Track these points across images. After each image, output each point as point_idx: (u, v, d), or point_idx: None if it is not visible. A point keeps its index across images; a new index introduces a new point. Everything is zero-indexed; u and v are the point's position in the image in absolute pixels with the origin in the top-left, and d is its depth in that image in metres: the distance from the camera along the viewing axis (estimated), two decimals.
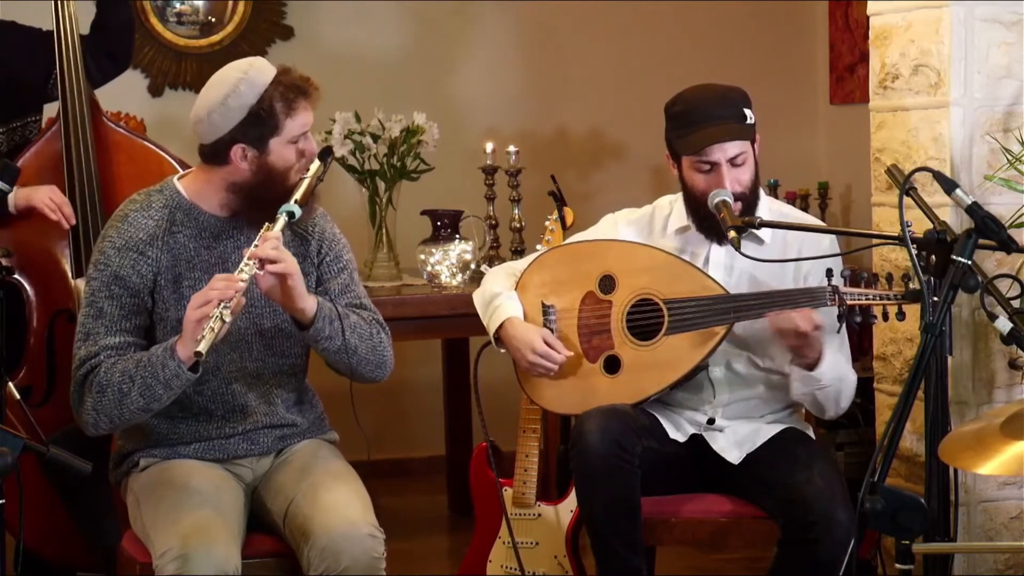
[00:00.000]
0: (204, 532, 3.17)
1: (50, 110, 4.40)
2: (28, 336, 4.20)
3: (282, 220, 3.31)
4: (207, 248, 3.41)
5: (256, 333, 3.44)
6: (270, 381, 3.47)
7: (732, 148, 3.59)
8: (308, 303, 3.34)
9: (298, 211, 3.33)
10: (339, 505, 3.29)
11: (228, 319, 3.16)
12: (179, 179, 3.47)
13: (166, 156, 4.29)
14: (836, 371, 3.58)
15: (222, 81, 3.34)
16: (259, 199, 3.37)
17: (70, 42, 4.19)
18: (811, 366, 3.54)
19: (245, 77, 3.32)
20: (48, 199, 4.11)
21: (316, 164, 3.38)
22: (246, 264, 3.23)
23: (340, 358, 3.41)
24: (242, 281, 3.20)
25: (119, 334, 3.33)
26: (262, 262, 3.23)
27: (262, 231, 3.29)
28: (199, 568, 3.12)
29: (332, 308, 3.38)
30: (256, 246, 3.25)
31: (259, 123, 3.32)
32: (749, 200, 3.63)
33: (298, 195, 3.34)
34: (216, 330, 3.15)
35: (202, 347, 3.14)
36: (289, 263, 3.27)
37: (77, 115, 4.17)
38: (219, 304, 3.15)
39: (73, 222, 4.14)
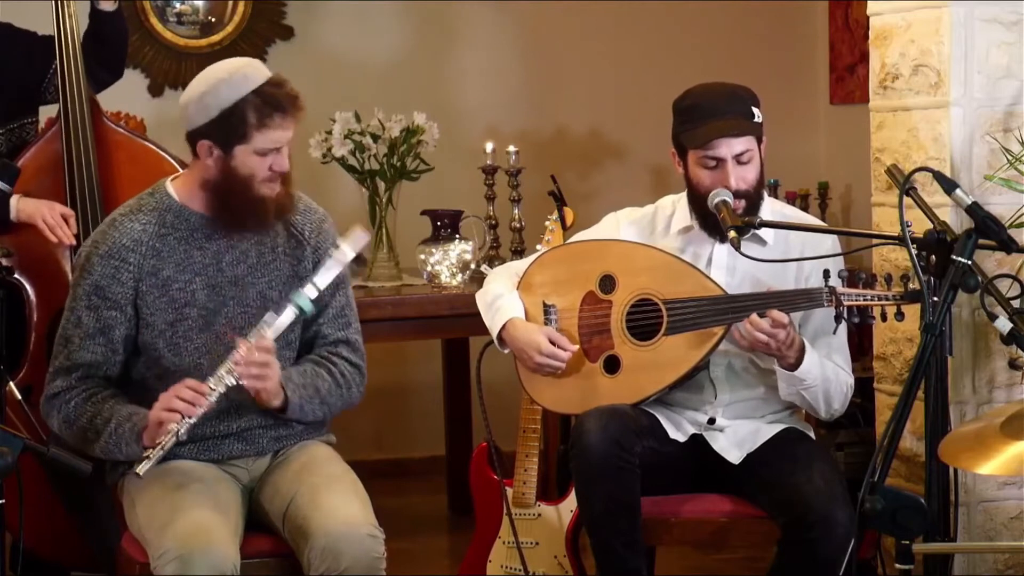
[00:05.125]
0: (202, 532, 3.17)
1: (49, 111, 4.40)
2: (28, 336, 4.20)
3: (288, 314, 3.31)
4: (199, 249, 3.40)
5: (249, 333, 3.43)
6: None
7: (738, 144, 3.59)
8: (277, 401, 3.37)
9: (310, 308, 3.33)
10: (339, 505, 3.28)
11: (183, 436, 3.20)
12: (171, 180, 3.48)
13: (166, 156, 4.29)
14: (822, 370, 3.57)
15: (207, 77, 3.34)
16: (224, 201, 3.37)
17: (70, 42, 4.19)
18: (793, 366, 3.54)
19: (228, 79, 3.31)
20: (48, 218, 4.11)
21: (348, 252, 3.35)
22: (227, 373, 3.25)
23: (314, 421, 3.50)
24: (211, 393, 3.23)
25: (93, 348, 3.36)
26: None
27: (258, 328, 3.29)
28: (198, 568, 3.11)
29: (303, 393, 3.39)
30: (243, 349, 3.25)
31: (227, 127, 3.31)
32: (753, 199, 3.63)
33: (317, 286, 3.32)
34: (167, 447, 3.20)
35: (140, 469, 3.19)
36: (269, 383, 3.30)
37: (77, 115, 4.17)
38: (181, 418, 3.20)
39: (72, 241, 4.13)
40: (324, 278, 3.34)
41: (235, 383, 3.26)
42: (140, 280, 3.37)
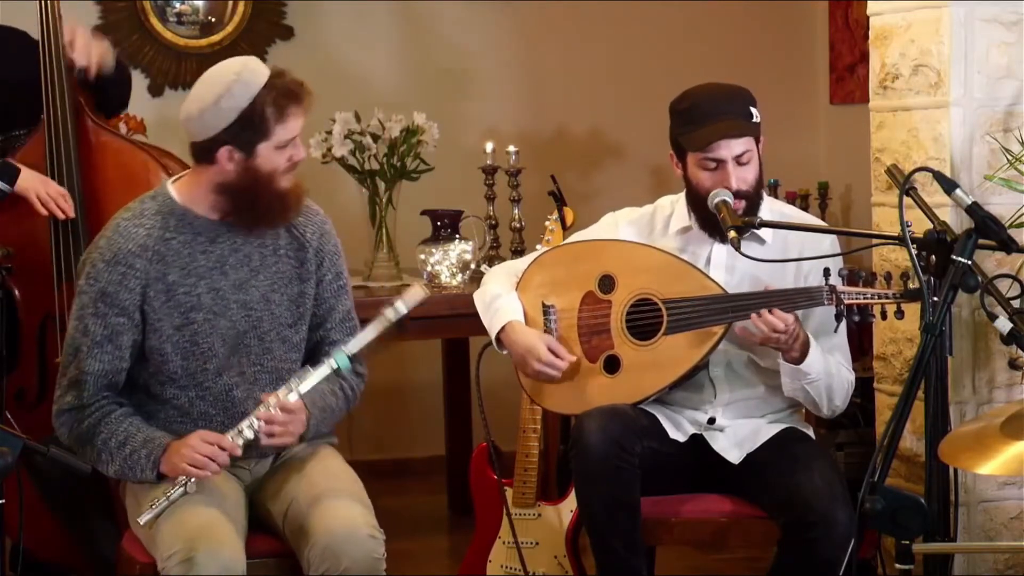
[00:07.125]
0: (210, 533, 3.18)
1: None
2: (21, 338, 4.16)
3: (323, 369, 3.31)
4: (203, 252, 3.39)
5: (256, 337, 3.43)
6: (267, 387, 3.43)
7: (738, 146, 3.59)
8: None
9: (347, 366, 3.31)
10: (339, 506, 3.29)
11: (192, 489, 3.22)
12: (173, 183, 3.45)
13: (153, 157, 4.19)
14: (825, 365, 3.58)
15: (215, 81, 3.31)
16: (245, 201, 3.35)
17: (52, 43, 4.11)
18: (797, 360, 3.54)
19: (238, 79, 3.28)
20: (43, 193, 4.02)
21: (402, 309, 3.31)
22: (248, 427, 3.27)
23: None
24: (235, 450, 3.26)
25: (102, 356, 3.33)
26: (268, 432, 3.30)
27: (288, 383, 3.31)
28: (208, 569, 3.12)
29: (319, 417, 3.41)
30: (271, 407, 3.27)
31: (249, 127, 3.29)
32: (753, 199, 3.63)
33: (355, 347, 3.32)
34: (173, 499, 3.22)
35: (143, 518, 3.22)
36: (290, 439, 3.33)
37: (59, 119, 4.07)
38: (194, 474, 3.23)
39: (72, 214, 4.06)
40: (367, 335, 3.33)
41: (256, 438, 3.29)
42: (147, 286, 3.34)
